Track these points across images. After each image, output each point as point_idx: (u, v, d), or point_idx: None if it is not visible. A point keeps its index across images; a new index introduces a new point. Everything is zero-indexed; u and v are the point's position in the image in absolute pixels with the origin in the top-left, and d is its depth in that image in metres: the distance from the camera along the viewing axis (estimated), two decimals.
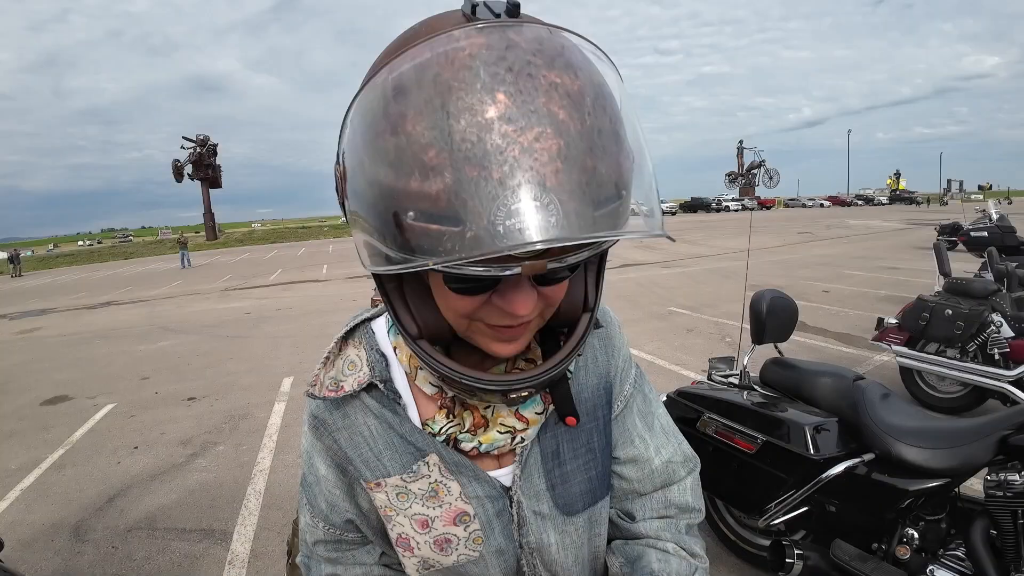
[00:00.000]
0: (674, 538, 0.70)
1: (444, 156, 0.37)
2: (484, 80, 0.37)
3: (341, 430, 0.62)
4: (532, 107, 0.37)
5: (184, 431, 4.33)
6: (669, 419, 0.74)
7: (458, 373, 0.50)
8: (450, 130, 0.37)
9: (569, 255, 0.42)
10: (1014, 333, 3.32)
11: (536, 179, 0.36)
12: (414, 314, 0.52)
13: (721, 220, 33.39)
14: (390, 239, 0.40)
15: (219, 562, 2.64)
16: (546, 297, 0.50)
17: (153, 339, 8.16)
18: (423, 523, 0.61)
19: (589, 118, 0.39)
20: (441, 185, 0.37)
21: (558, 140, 0.37)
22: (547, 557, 0.65)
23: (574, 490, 0.65)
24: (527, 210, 0.36)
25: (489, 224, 0.36)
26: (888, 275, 9.80)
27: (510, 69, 0.38)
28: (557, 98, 0.38)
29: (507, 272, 0.40)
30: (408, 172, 0.38)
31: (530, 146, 0.37)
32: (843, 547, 1.85)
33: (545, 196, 0.37)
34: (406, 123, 0.38)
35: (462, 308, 0.49)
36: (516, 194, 0.36)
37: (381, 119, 0.40)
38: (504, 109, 0.37)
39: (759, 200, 53.46)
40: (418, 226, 0.38)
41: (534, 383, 0.51)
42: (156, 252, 38.72)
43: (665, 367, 5.11)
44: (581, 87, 0.40)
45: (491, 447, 0.60)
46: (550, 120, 0.37)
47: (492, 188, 0.36)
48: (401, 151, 0.38)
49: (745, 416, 2.16)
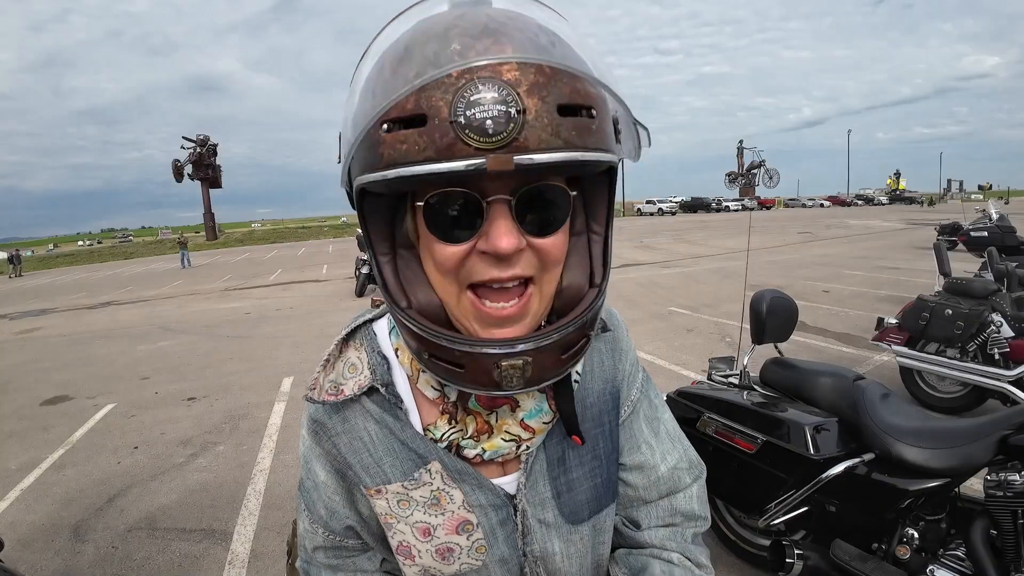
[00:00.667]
0: (679, 547, 0.69)
1: (412, 66, 0.42)
2: (451, 21, 0.44)
3: (340, 435, 0.60)
4: (489, 28, 0.43)
5: (184, 431, 4.33)
6: (675, 424, 0.73)
7: (448, 336, 0.48)
8: (420, 46, 0.43)
9: (534, 150, 0.41)
10: (1014, 333, 3.32)
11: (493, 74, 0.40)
12: (404, 287, 0.52)
13: (721, 220, 33.39)
14: (372, 161, 0.44)
15: (219, 562, 2.64)
16: (538, 251, 0.48)
17: (153, 339, 8.16)
18: (425, 531, 0.60)
19: (545, 37, 0.44)
20: (408, 92, 0.41)
21: (512, 44, 0.42)
22: (551, 566, 0.64)
23: (580, 498, 0.63)
24: (486, 99, 0.40)
25: (450, 113, 0.40)
26: (888, 275, 9.79)
27: (476, 20, 0.44)
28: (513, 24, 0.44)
29: (471, 161, 0.41)
30: (384, 90, 0.43)
31: (487, 47, 0.41)
32: (843, 547, 1.85)
33: (503, 88, 0.40)
34: (385, 59, 0.46)
35: (449, 261, 0.47)
36: (474, 85, 0.40)
37: (367, 67, 0.48)
38: (464, 28, 0.43)
39: (759, 200, 53.46)
40: (390, 137, 0.42)
41: (530, 348, 0.47)
42: (156, 252, 38.72)
43: (665, 367, 5.11)
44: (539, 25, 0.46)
45: (495, 455, 0.58)
46: (504, 33, 0.43)
47: (452, 82, 0.40)
48: (380, 79, 0.45)
49: (745, 416, 2.16)
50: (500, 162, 0.40)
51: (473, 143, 0.40)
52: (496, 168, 0.41)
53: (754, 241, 16.92)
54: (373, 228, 0.52)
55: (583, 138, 0.43)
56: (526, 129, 0.40)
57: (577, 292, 0.53)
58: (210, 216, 46.79)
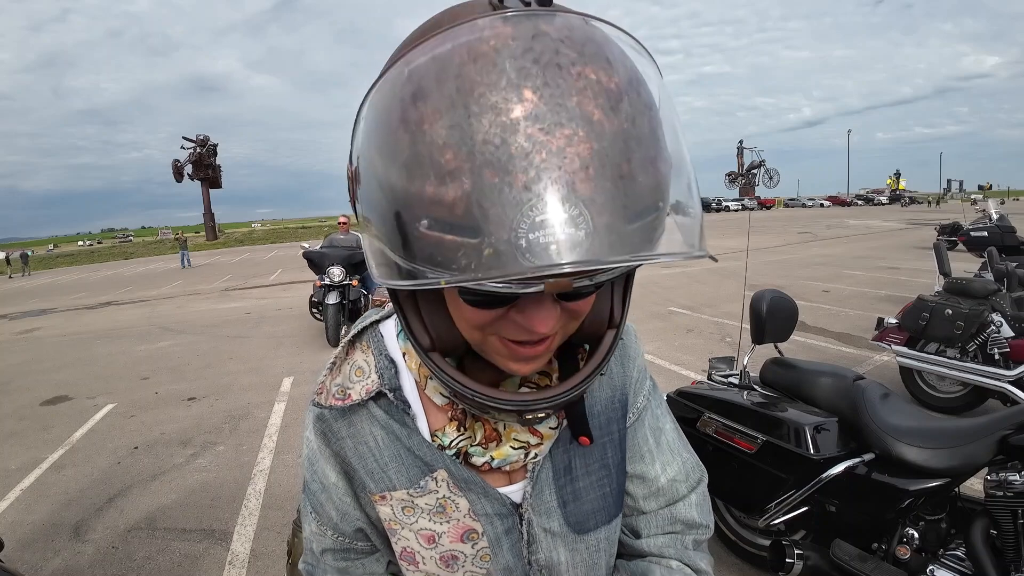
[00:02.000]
0: (678, 554, 0.68)
1: (463, 159, 0.33)
2: (510, 75, 0.33)
3: (346, 439, 0.59)
4: (562, 105, 0.33)
5: (184, 431, 4.33)
6: (677, 433, 0.72)
7: (471, 390, 0.47)
8: (471, 130, 0.33)
9: (598, 273, 0.38)
10: (1014, 333, 3.32)
11: (565, 187, 0.32)
12: (427, 325, 0.49)
13: (721, 220, 33.37)
14: (401, 249, 0.37)
15: (219, 562, 2.64)
16: (569, 312, 0.46)
17: (153, 339, 8.15)
18: (429, 538, 0.59)
19: (626, 119, 0.35)
20: (459, 191, 0.33)
21: (591, 143, 0.33)
22: (556, 575, 0.63)
23: (586, 507, 0.62)
24: (554, 223, 0.32)
25: (511, 237, 0.32)
26: (888, 275, 9.79)
27: (537, 62, 0.34)
28: (591, 96, 0.34)
29: (528, 290, 0.37)
30: (423, 176, 0.34)
31: (559, 150, 0.33)
32: (843, 547, 1.85)
33: (575, 207, 0.33)
34: (422, 121, 0.34)
35: (477, 321, 0.45)
36: (542, 203, 0.32)
37: (395, 117, 0.36)
38: (531, 108, 0.33)
39: (759, 200, 53.45)
40: (432, 236, 0.34)
41: (552, 404, 0.47)
42: (156, 252, 38.72)
43: (665, 367, 5.11)
44: (618, 84, 0.35)
45: (504, 463, 0.58)
46: (582, 120, 0.33)
47: (515, 195, 0.32)
48: (416, 152, 0.35)
49: (745, 416, 2.16)
50: (559, 286, 0.37)
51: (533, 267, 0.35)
52: (554, 291, 0.38)
53: (754, 241, 16.91)
54: None
55: (646, 241, 0.36)
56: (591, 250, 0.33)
57: (597, 328, 0.52)
58: (210, 216, 46.79)
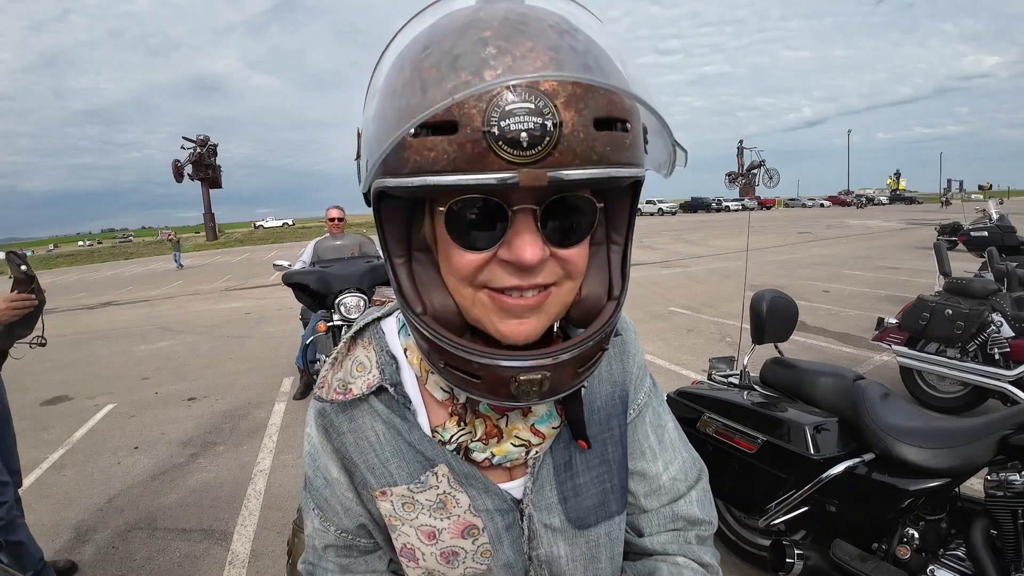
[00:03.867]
0: (682, 550, 0.68)
1: (444, 70, 0.39)
2: (482, 18, 0.42)
3: (347, 434, 0.60)
4: (524, 30, 0.40)
5: (184, 431, 4.33)
6: (678, 432, 0.72)
7: (464, 347, 0.47)
8: (450, 49, 0.40)
9: (567, 166, 0.39)
10: (1014, 333, 3.33)
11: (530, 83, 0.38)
12: (420, 292, 0.51)
13: (721, 220, 33.37)
14: (395, 165, 0.42)
15: (219, 562, 2.64)
16: (561, 261, 0.47)
17: (153, 339, 8.16)
18: (430, 534, 0.59)
19: (582, 50, 0.41)
20: (438, 93, 0.38)
21: (550, 52, 0.39)
22: (557, 570, 0.63)
23: (587, 503, 0.63)
24: (521, 109, 0.38)
25: (483, 123, 0.38)
26: (888, 275, 9.80)
27: (506, 15, 0.42)
28: (550, 28, 0.41)
29: (503, 174, 0.39)
30: (412, 91, 0.40)
31: (523, 55, 0.39)
32: (843, 547, 1.85)
33: (540, 99, 0.38)
34: (412, 57, 0.43)
35: (468, 267, 0.46)
36: (509, 93, 0.38)
37: (391, 65, 0.45)
38: (499, 30, 0.40)
39: (759, 200, 53.45)
40: (416, 142, 0.40)
41: (548, 363, 0.47)
42: (156, 252, 38.70)
43: (665, 367, 5.11)
44: (572, 25, 0.43)
45: (504, 460, 0.58)
46: (542, 38, 0.40)
47: (485, 91, 0.38)
48: (408, 78, 0.42)
49: (745, 416, 2.16)
50: (533, 177, 0.39)
51: (506, 156, 0.38)
52: (529, 183, 0.39)
53: (754, 241, 16.92)
54: (389, 230, 0.51)
55: (617, 153, 0.41)
56: (561, 143, 0.39)
57: (595, 303, 0.52)
58: (210, 216, 46.78)
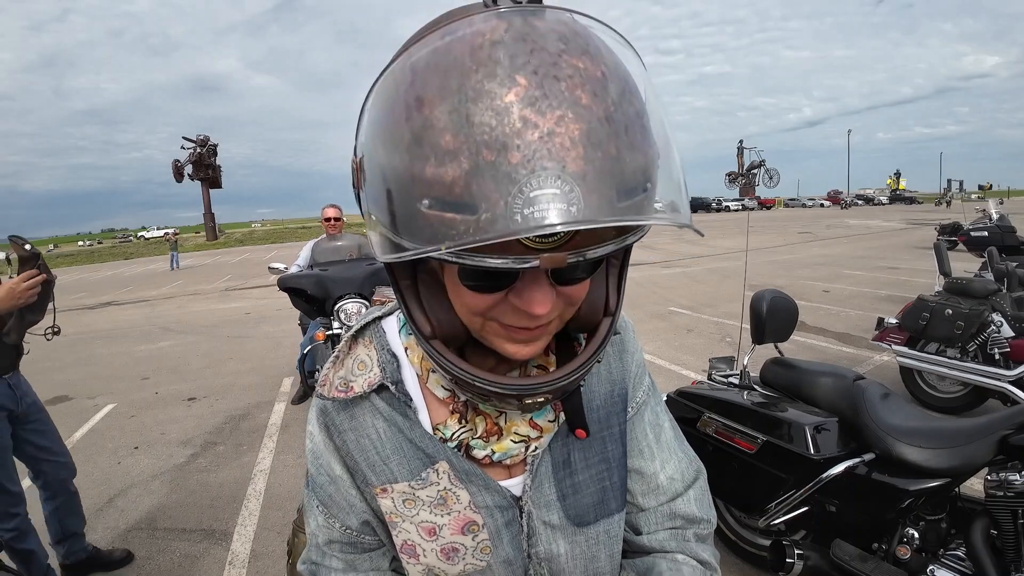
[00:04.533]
0: (680, 547, 0.68)
1: (461, 140, 0.35)
2: (503, 63, 0.36)
3: (348, 432, 0.60)
4: (553, 91, 0.36)
5: (184, 431, 4.33)
6: (675, 432, 0.72)
7: (471, 375, 0.49)
8: (468, 113, 0.36)
9: (590, 248, 0.39)
10: (1014, 333, 3.33)
11: (557, 164, 0.35)
12: (428, 313, 0.51)
13: (721, 220, 33.38)
14: (404, 228, 0.39)
15: (219, 562, 2.64)
16: (566, 296, 0.48)
17: (153, 339, 8.16)
18: (430, 531, 0.60)
19: (613, 104, 0.37)
20: (457, 170, 0.35)
21: (580, 124, 0.36)
22: (556, 568, 0.63)
23: (586, 501, 0.63)
24: (546, 196, 0.34)
25: (506, 209, 0.35)
26: (888, 275, 9.79)
27: (531, 52, 0.36)
28: (580, 83, 0.37)
29: (524, 265, 0.38)
30: (423, 157, 0.37)
31: (551, 130, 0.35)
32: (843, 547, 1.85)
33: (566, 183, 0.35)
34: (423, 107, 0.37)
35: (477, 306, 0.47)
36: (535, 178, 0.35)
37: (397, 105, 0.39)
38: (524, 92, 0.35)
39: (759, 200, 53.51)
40: (432, 214, 0.37)
41: (552, 388, 0.49)
42: (157, 252, 38.70)
43: (665, 367, 5.11)
44: (605, 73, 0.38)
45: (504, 456, 0.58)
46: (572, 103, 0.36)
47: (510, 172, 0.35)
48: (417, 136, 0.37)
49: (745, 416, 2.16)
50: (554, 261, 0.38)
51: (529, 244, 0.38)
52: (549, 267, 0.38)
53: (754, 241, 16.92)
54: None
55: (638, 213, 0.39)
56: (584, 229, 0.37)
57: (592, 315, 0.53)
58: (210, 216, 46.77)
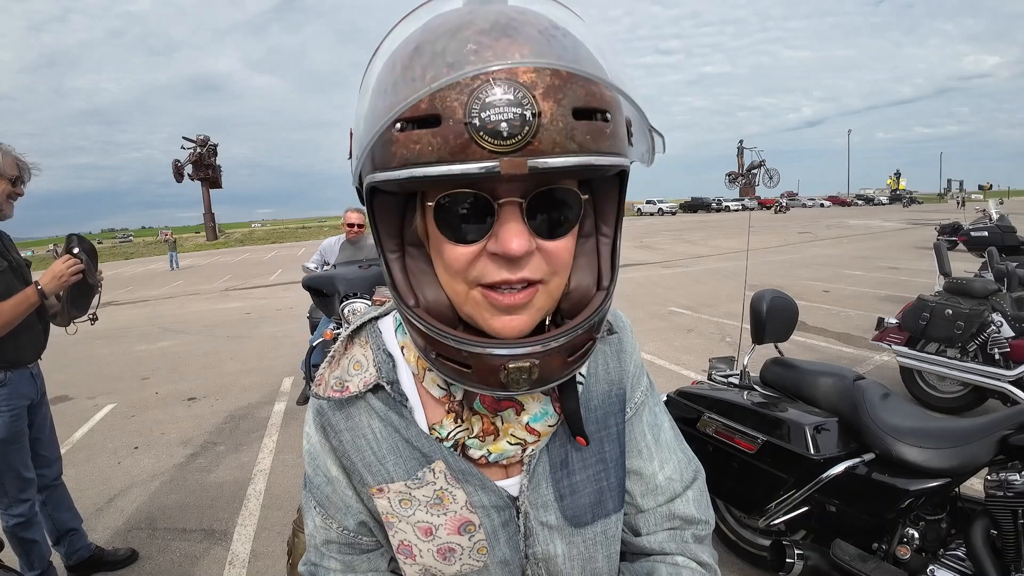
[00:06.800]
0: (679, 548, 0.68)
1: (426, 65, 0.42)
2: (470, 19, 0.44)
3: (344, 432, 0.60)
4: (506, 26, 0.42)
5: (184, 431, 4.33)
6: (674, 432, 0.72)
7: (456, 337, 0.49)
8: (433, 47, 0.43)
9: (547, 154, 0.41)
10: (1014, 333, 3.33)
11: (508, 75, 0.40)
12: (414, 287, 0.53)
13: (721, 220, 33.38)
14: (384, 160, 0.44)
15: (219, 562, 2.64)
16: (547, 254, 0.48)
17: (153, 339, 8.16)
18: (426, 531, 0.60)
19: (564, 45, 0.43)
20: (422, 87, 0.40)
21: (530, 46, 0.41)
22: (553, 568, 0.63)
23: (583, 501, 0.63)
24: (501, 103, 0.39)
25: (465, 117, 0.40)
26: (888, 275, 9.80)
27: (496, 20, 0.43)
28: (532, 25, 0.43)
29: (485, 163, 0.40)
30: (397, 89, 0.43)
31: (503, 49, 0.41)
32: (843, 547, 1.85)
33: (519, 91, 0.40)
34: (398, 60, 0.45)
35: (459, 262, 0.48)
36: (490, 87, 0.39)
37: (379, 64, 0.47)
38: (480, 26, 0.42)
39: (759, 200, 53.53)
40: (403, 136, 0.42)
41: (542, 352, 0.48)
42: (157, 252, 38.71)
43: (665, 367, 5.12)
44: (554, 24, 0.45)
45: (500, 457, 0.58)
46: (523, 35, 0.42)
47: (466, 83, 0.40)
48: (393, 78, 0.44)
49: (745, 416, 2.16)
50: (514, 165, 0.40)
51: (487, 145, 0.40)
52: (510, 171, 0.40)
53: (754, 241, 16.92)
54: (383, 225, 0.52)
55: (597, 142, 0.43)
56: (540, 132, 0.40)
57: (585, 294, 0.54)
58: (210, 216, 46.78)
